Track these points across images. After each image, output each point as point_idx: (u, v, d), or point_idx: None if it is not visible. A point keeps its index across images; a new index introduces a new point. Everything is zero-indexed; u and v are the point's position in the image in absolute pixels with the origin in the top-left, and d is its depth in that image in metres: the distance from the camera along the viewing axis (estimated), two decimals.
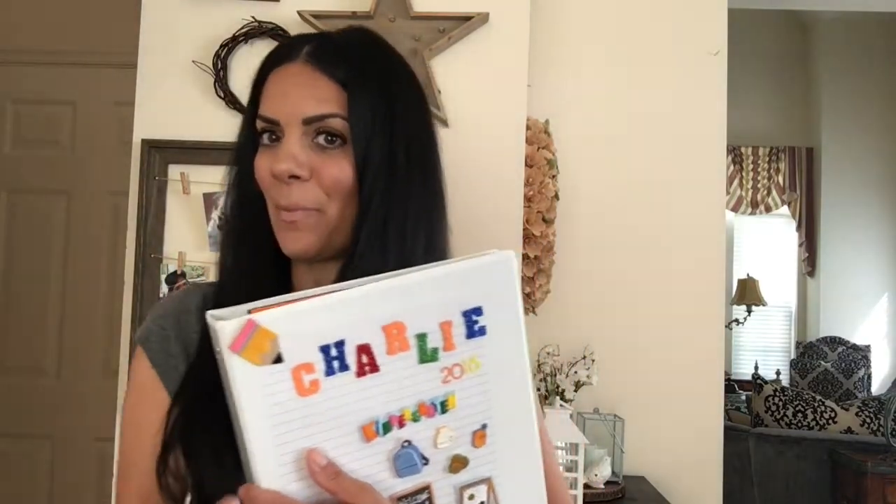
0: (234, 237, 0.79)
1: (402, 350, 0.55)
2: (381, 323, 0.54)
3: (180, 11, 1.66)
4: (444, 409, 0.56)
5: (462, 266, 0.57)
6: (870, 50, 5.95)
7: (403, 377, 0.55)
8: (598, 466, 1.80)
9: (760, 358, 5.64)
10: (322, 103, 0.73)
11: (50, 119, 2.68)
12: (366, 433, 0.54)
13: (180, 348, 0.78)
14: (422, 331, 0.55)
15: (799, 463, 3.18)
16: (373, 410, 0.55)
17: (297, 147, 0.72)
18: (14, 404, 2.60)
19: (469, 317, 0.56)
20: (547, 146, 1.85)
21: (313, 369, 0.53)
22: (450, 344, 0.56)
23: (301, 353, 0.52)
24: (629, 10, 2.19)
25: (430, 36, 1.61)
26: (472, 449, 0.58)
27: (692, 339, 2.11)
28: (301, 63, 0.75)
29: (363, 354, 0.54)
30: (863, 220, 5.89)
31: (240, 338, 0.51)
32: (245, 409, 0.51)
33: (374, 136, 0.73)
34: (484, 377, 0.58)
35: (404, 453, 0.55)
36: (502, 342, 0.58)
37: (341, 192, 0.73)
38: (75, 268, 2.65)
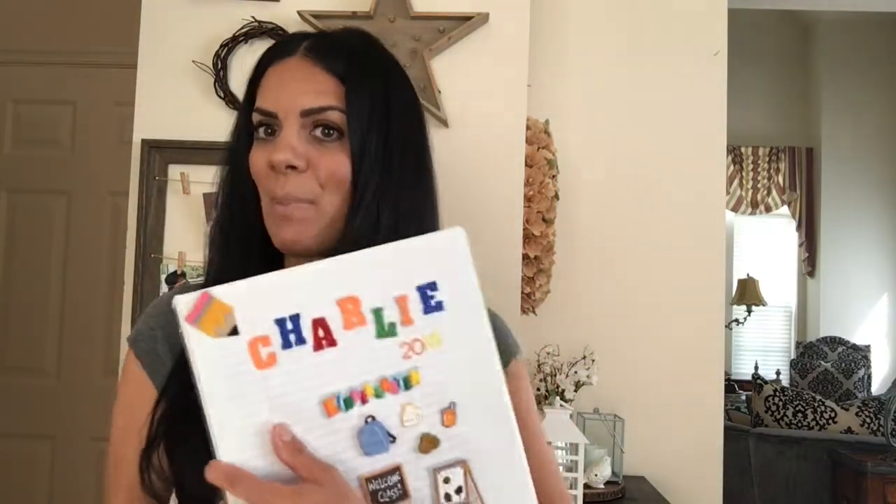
0: (224, 235, 0.80)
1: (359, 325, 0.56)
2: (335, 297, 0.55)
3: (180, 11, 1.66)
4: (407, 384, 0.57)
5: (412, 243, 0.58)
6: (870, 50, 5.95)
7: (362, 351, 0.56)
8: (598, 466, 1.80)
9: (760, 358, 5.64)
10: (320, 96, 0.73)
11: (50, 119, 2.68)
12: (327, 408, 0.55)
13: (167, 347, 0.79)
14: (377, 305, 0.56)
15: (799, 463, 3.18)
16: (332, 385, 0.55)
17: (295, 139, 0.73)
18: (14, 404, 2.60)
19: (424, 291, 0.57)
20: (547, 146, 1.85)
21: (269, 342, 0.54)
22: (407, 318, 0.57)
23: (257, 326, 0.54)
24: (629, 10, 2.19)
25: (430, 36, 1.61)
26: (443, 428, 0.58)
27: (692, 339, 2.11)
28: (299, 57, 0.76)
29: (319, 328, 0.55)
30: (863, 220, 5.89)
31: (195, 310, 0.53)
32: (203, 381, 0.53)
33: (370, 130, 0.74)
34: (447, 354, 0.58)
35: (368, 429, 0.56)
36: (463, 318, 0.58)
37: (337, 185, 0.73)
38: (75, 268, 2.65)
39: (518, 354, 0.87)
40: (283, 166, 0.72)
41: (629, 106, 2.17)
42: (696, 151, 2.16)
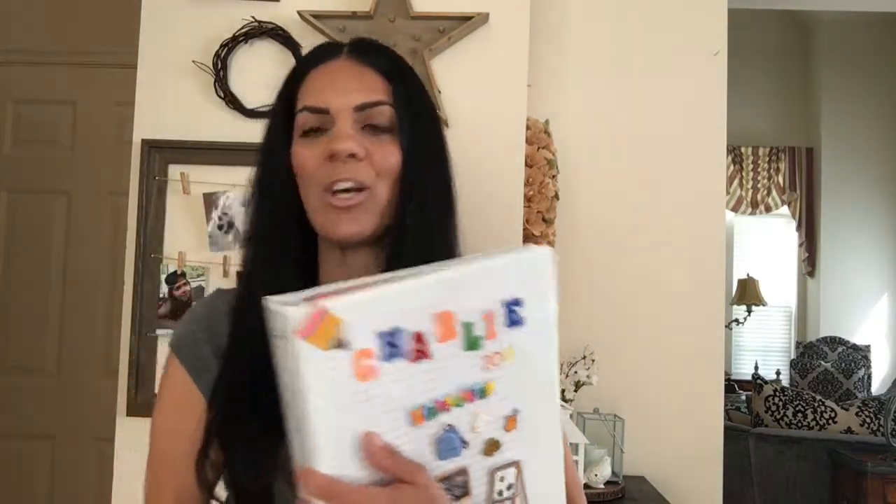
0: (258, 234, 0.81)
1: (450, 338, 0.57)
2: (433, 311, 0.57)
3: (180, 11, 1.66)
4: (482, 394, 0.59)
5: (505, 259, 0.60)
6: (870, 50, 5.95)
7: (451, 364, 0.58)
8: (598, 466, 1.80)
9: (760, 358, 5.64)
10: (372, 92, 0.77)
11: (50, 119, 2.68)
12: (414, 417, 0.57)
13: (211, 350, 0.80)
14: (469, 320, 0.58)
15: (799, 463, 3.18)
16: (422, 395, 0.57)
17: (352, 131, 0.76)
18: (14, 404, 2.60)
19: (509, 307, 0.60)
20: (547, 146, 1.85)
21: (371, 355, 0.55)
22: (491, 332, 0.59)
23: (362, 339, 0.54)
24: (629, 10, 2.19)
25: (430, 36, 1.61)
26: (504, 433, 0.61)
27: (692, 339, 2.11)
28: (345, 59, 0.80)
29: (417, 341, 0.56)
30: (863, 220, 5.89)
31: (309, 324, 0.52)
32: (309, 392, 0.53)
33: (416, 125, 0.79)
34: (518, 365, 0.61)
35: (446, 437, 0.58)
36: (537, 333, 0.61)
37: (390, 174, 0.77)
38: (75, 268, 2.65)
39: None
40: (345, 154, 0.74)
41: (629, 106, 2.17)
42: (696, 151, 2.16)
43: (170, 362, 0.83)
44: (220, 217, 1.62)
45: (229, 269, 1.62)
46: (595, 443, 1.87)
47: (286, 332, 0.53)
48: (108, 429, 1.67)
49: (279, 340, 0.55)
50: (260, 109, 1.64)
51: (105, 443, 2.37)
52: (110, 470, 1.59)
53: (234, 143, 1.62)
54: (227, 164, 1.61)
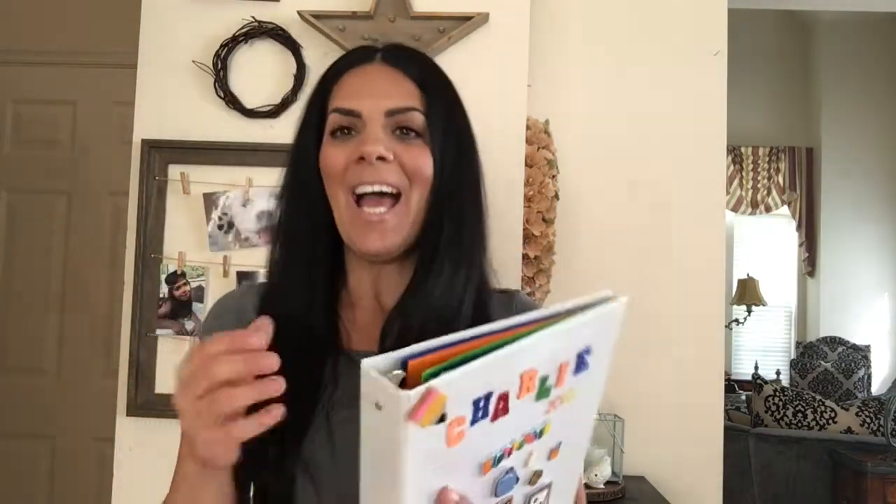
0: (287, 236, 0.81)
1: (528, 392, 0.56)
2: (520, 371, 0.55)
3: (180, 11, 1.66)
4: (540, 435, 0.59)
5: (591, 315, 0.59)
6: (870, 50, 5.95)
7: (522, 415, 0.57)
8: (598, 466, 1.80)
9: (760, 358, 5.64)
10: (404, 97, 0.78)
11: (50, 119, 2.68)
12: (484, 468, 0.57)
13: None
14: (546, 373, 0.57)
15: (799, 463, 3.18)
16: (494, 446, 0.57)
17: (382, 134, 0.76)
18: (14, 404, 2.60)
19: (581, 356, 0.59)
20: (547, 146, 1.85)
21: (463, 421, 0.53)
22: (561, 380, 0.58)
23: (458, 408, 0.53)
24: (629, 10, 2.19)
25: (430, 36, 1.61)
26: (547, 462, 0.61)
27: (692, 339, 2.11)
28: (378, 63, 0.81)
29: (501, 401, 0.55)
30: (863, 220, 5.89)
31: (421, 406, 0.50)
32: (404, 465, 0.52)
33: (448, 134, 0.79)
34: (575, 406, 0.61)
35: (507, 479, 0.58)
36: (596, 375, 0.61)
37: (422, 180, 0.77)
38: (75, 268, 2.65)
39: None
40: (374, 157, 0.74)
41: (629, 106, 2.17)
42: (696, 151, 2.16)
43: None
44: (220, 217, 1.62)
45: (229, 269, 1.62)
46: (595, 443, 1.87)
47: (391, 411, 0.51)
48: (108, 429, 1.67)
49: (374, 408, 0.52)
50: (260, 109, 1.64)
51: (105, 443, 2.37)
52: (110, 470, 1.59)
53: (234, 143, 1.62)
54: (227, 164, 1.61)
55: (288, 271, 0.80)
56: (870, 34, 5.93)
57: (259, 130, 1.64)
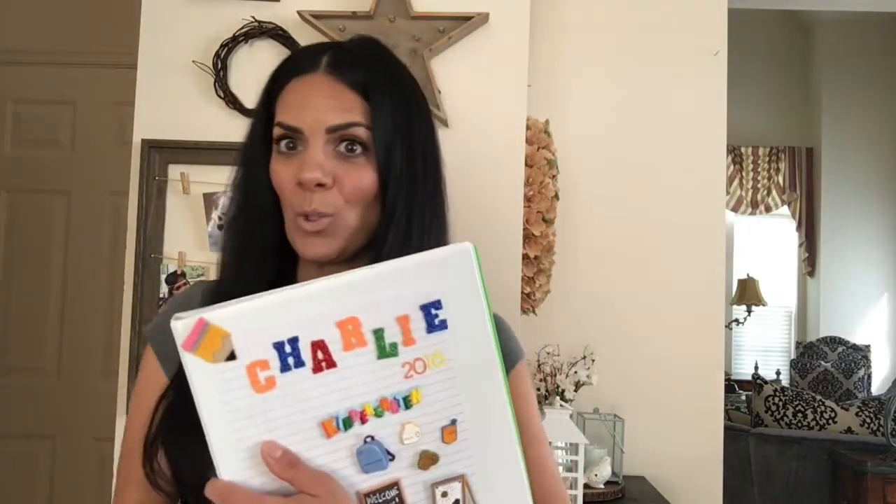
0: (238, 236, 0.81)
1: (359, 346, 0.55)
2: (334, 319, 0.54)
3: (180, 11, 1.66)
4: (407, 404, 0.56)
5: (416, 259, 0.56)
6: (870, 50, 5.95)
7: (362, 373, 0.55)
8: (598, 466, 1.80)
9: (760, 358, 5.64)
10: (346, 113, 0.75)
11: (50, 119, 2.68)
12: (325, 428, 0.55)
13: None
14: (378, 326, 0.55)
15: (799, 463, 3.18)
16: (332, 406, 0.55)
17: (322, 156, 0.75)
18: (14, 404, 2.60)
19: (428, 310, 0.56)
20: (547, 146, 1.85)
21: (268, 366, 0.53)
22: (409, 338, 0.56)
23: (255, 350, 0.53)
24: (629, 10, 2.19)
25: (430, 36, 1.61)
26: (442, 445, 0.57)
27: (692, 338, 2.11)
28: (322, 74, 0.78)
29: (318, 350, 0.54)
30: (863, 220, 5.89)
31: (191, 336, 0.52)
32: (202, 405, 0.53)
33: (394, 143, 0.76)
34: (450, 372, 0.57)
35: (367, 448, 0.56)
36: (467, 336, 0.57)
37: (362, 200, 0.76)
38: (75, 268, 2.65)
39: (521, 359, 0.88)
40: (313, 184, 0.74)
41: (629, 106, 2.17)
42: (696, 151, 2.16)
43: (145, 351, 0.84)
44: (220, 217, 1.62)
45: None
46: (595, 443, 1.87)
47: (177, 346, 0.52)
48: (108, 429, 1.66)
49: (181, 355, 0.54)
50: None
51: (105, 443, 2.38)
52: (110, 470, 1.59)
53: (234, 143, 1.61)
54: (227, 164, 1.59)
55: (235, 267, 0.80)
56: (870, 34, 5.92)
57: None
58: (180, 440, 0.72)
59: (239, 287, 0.75)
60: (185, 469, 0.72)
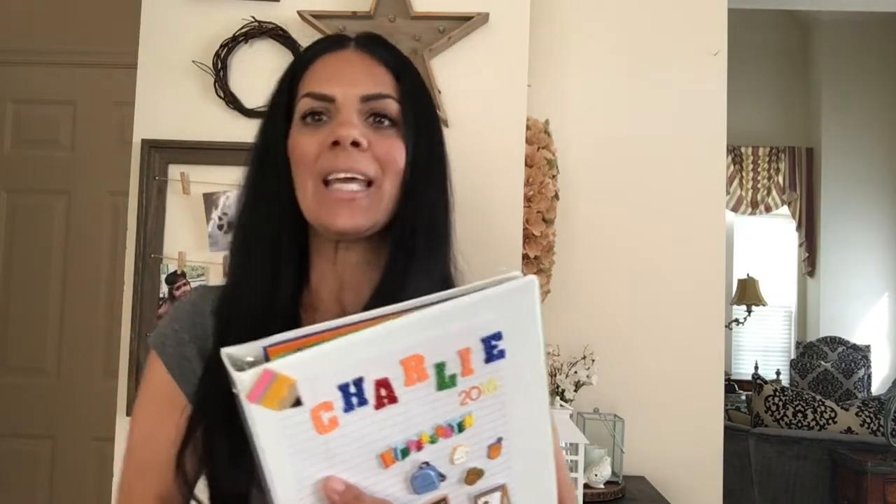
0: (248, 229, 0.79)
1: (420, 380, 0.55)
2: (399, 357, 0.54)
3: (180, 11, 1.66)
4: (460, 429, 0.57)
5: (483, 295, 0.56)
6: (870, 50, 5.95)
7: (421, 404, 0.55)
8: (598, 466, 1.80)
9: (760, 358, 5.64)
10: (379, 84, 0.76)
11: (50, 119, 2.68)
12: (384, 460, 0.55)
13: (196, 351, 0.78)
14: (440, 360, 0.55)
15: (799, 463, 3.18)
16: (391, 439, 0.55)
17: (356, 119, 0.74)
18: (14, 404, 2.60)
19: (488, 342, 0.56)
20: (547, 146, 1.85)
21: (332, 407, 0.53)
22: (468, 369, 0.56)
23: (320, 393, 0.52)
24: (629, 10, 2.19)
25: (430, 36, 1.61)
26: (488, 461, 0.59)
27: (692, 338, 2.11)
28: (353, 50, 0.79)
29: (381, 388, 0.54)
30: (863, 220, 5.89)
31: (257, 387, 0.50)
32: (266, 450, 0.52)
33: (421, 124, 0.77)
34: (501, 396, 0.58)
35: (422, 474, 0.56)
36: (521, 362, 0.58)
37: (394, 169, 0.75)
38: (75, 268, 2.65)
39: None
40: (349, 142, 0.72)
41: (629, 106, 2.17)
42: (696, 151, 2.16)
43: (151, 362, 0.80)
44: (220, 217, 1.62)
45: None
46: (595, 443, 1.87)
47: (240, 398, 0.51)
48: (108, 429, 1.66)
49: (235, 395, 0.52)
50: (260, 109, 1.64)
51: (105, 443, 2.37)
52: (110, 470, 1.59)
53: (234, 143, 1.62)
54: (227, 164, 1.61)
55: (249, 270, 0.76)
56: (870, 34, 5.92)
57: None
58: (220, 449, 0.70)
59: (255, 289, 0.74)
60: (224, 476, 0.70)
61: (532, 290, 0.57)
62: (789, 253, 6.26)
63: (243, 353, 0.53)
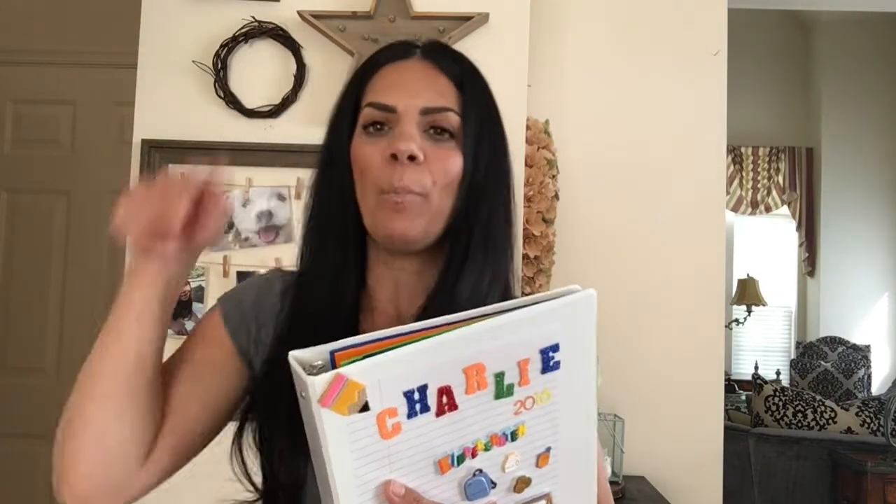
0: (317, 231, 0.81)
1: (480, 389, 0.56)
2: (462, 365, 0.55)
3: (180, 11, 1.66)
4: (514, 437, 0.58)
5: (546, 307, 0.57)
6: (870, 50, 5.95)
7: (478, 412, 0.56)
8: None
9: (760, 358, 5.63)
10: (440, 97, 0.77)
11: (50, 119, 2.68)
12: (441, 466, 0.56)
13: (252, 317, 0.81)
14: (500, 370, 0.56)
15: (799, 463, 3.18)
16: (448, 445, 0.56)
17: (416, 132, 0.75)
18: (14, 404, 2.60)
19: (546, 353, 0.57)
20: (547, 146, 1.85)
21: (396, 413, 0.54)
22: (525, 379, 0.57)
23: (386, 399, 0.53)
24: (629, 10, 2.19)
25: (430, 36, 1.61)
26: (536, 469, 0.60)
27: (692, 339, 2.11)
28: (417, 60, 0.80)
29: (444, 395, 0.55)
30: (863, 220, 5.89)
31: (330, 392, 0.51)
32: (331, 455, 0.53)
33: (483, 136, 0.78)
34: (554, 406, 0.59)
35: (476, 481, 0.58)
36: (575, 373, 0.59)
37: (448, 183, 0.76)
38: (75, 268, 2.65)
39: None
40: (406, 156, 0.73)
41: (629, 106, 2.17)
42: (696, 151, 2.16)
43: (212, 310, 0.83)
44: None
45: (229, 269, 1.62)
46: None
47: (308, 397, 0.52)
48: None
49: (301, 398, 0.54)
50: (260, 109, 1.64)
51: None
52: None
53: (234, 143, 1.62)
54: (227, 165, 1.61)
55: (317, 267, 0.80)
56: (870, 34, 5.92)
57: (259, 130, 1.64)
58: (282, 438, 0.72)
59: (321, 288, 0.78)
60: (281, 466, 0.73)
61: (592, 302, 0.59)
62: (789, 253, 6.26)
63: (311, 357, 0.54)
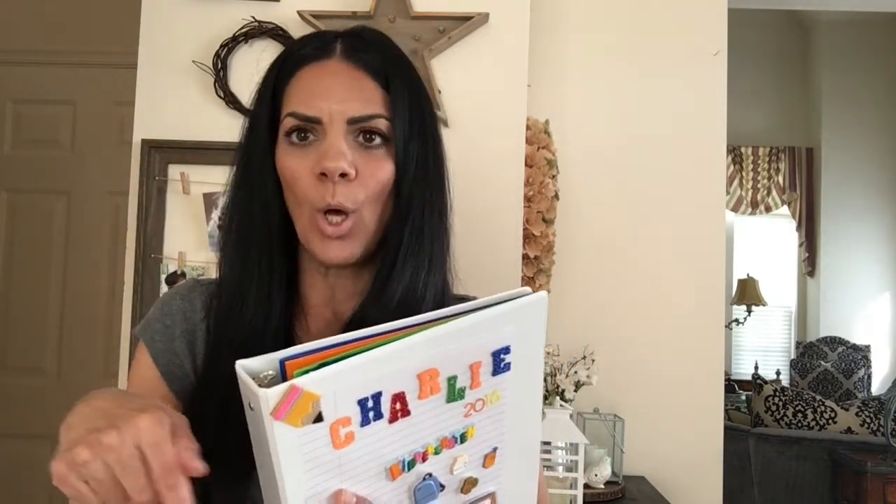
0: (240, 239, 0.76)
1: (433, 393, 0.55)
2: (416, 371, 0.54)
3: (180, 11, 1.66)
4: (463, 439, 0.58)
5: (500, 310, 0.57)
6: (870, 50, 5.95)
7: (430, 417, 0.56)
8: (598, 466, 1.80)
9: (760, 358, 5.64)
10: (367, 103, 0.72)
11: (50, 119, 2.68)
12: (392, 472, 0.56)
13: (185, 347, 0.77)
14: (453, 374, 0.56)
15: (799, 463, 3.18)
16: (400, 451, 0.56)
17: (344, 145, 0.71)
18: (14, 404, 2.60)
19: (497, 356, 0.57)
20: (547, 146, 1.85)
21: (350, 422, 0.53)
22: (476, 382, 0.57)
23: (341, 408, 0.52)
24: (629, 10, 2.19)
25: (430, 36, 1.61)
26: (482, 470, 0.60)
27: (692, 338, 2.11)
28: (338, 60, 0.74)
29: (397, 401, 0.54)
30: (863, 221, 5.89)
31: (283, 404, 0.49)
32: (282, 468, 0.51)
33: (412, 135, 0.74)
34: (502, 407, 0.59)
35: (425, 485, 0.57)
36: (524, 374, 0.59)
37: (381, 194, 0.73)
38: (75, 268, 2.65)
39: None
40: (337, 174, 0.70)
41: (629, 106, 2.17)
42: (696, 151, 2.16)
43: (139, 351, 0.79)
44: (220, 217, 1.62)
45: None
46: (595, 443, 1.87)
47: (258, 410, 0.50)
48: None
49: (249, 409, 0.51)
50: None
51: None
52: None
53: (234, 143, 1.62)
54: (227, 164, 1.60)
55: (242, 278, 0.75)
56: (870, 34, 5.92)
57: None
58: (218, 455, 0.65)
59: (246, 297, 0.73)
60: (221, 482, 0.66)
61: (544, 305, 0.59)
62: (789, 253, 6.26)
63: (260, 367, 0.52)
